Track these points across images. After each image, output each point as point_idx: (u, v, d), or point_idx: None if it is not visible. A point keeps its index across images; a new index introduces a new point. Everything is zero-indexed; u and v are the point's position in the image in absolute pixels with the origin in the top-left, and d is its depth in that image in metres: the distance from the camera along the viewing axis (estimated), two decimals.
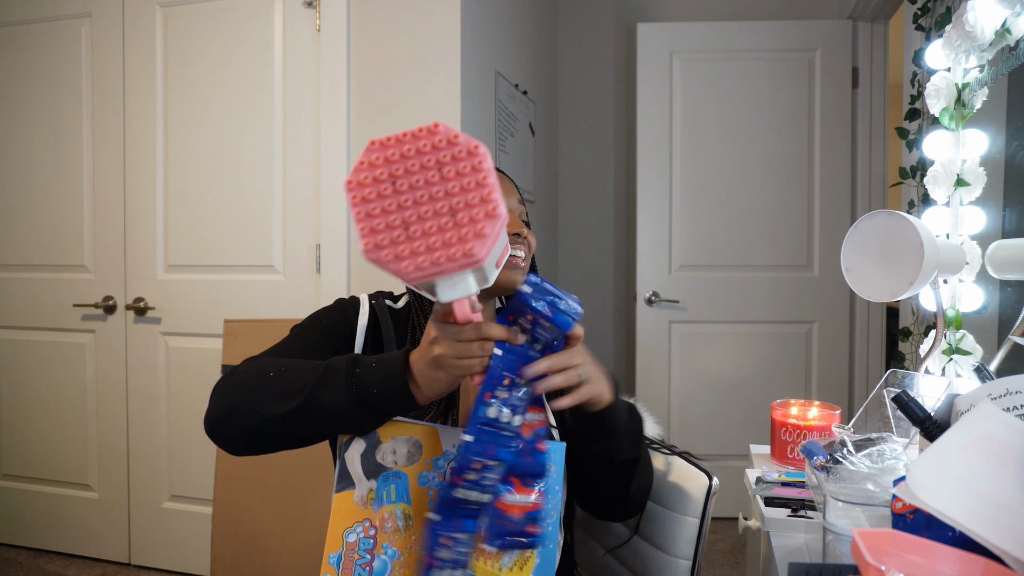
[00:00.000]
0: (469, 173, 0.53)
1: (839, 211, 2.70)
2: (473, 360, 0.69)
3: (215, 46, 2.17)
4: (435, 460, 0.74)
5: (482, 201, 0.52)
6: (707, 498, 0.96)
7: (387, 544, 0.73)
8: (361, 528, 0.73)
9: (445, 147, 0.53)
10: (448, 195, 0.53)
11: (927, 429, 0.89)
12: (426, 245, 0.53)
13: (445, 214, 0.53)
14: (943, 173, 1.30)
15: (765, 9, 2.92)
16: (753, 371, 2.75)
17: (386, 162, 0.53)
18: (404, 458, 0.74)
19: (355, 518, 0.74)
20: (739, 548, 2.49)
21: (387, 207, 0.53)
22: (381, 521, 0.73)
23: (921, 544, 0.60)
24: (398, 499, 0.74)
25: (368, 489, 0.74)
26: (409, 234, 0.53)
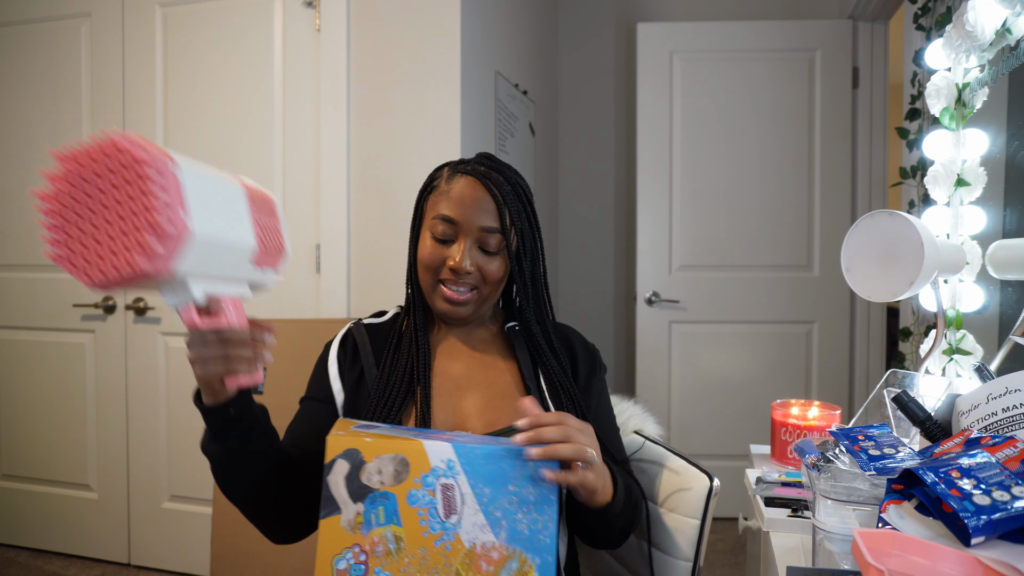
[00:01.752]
0: (137, 193, 0.54)
1: (839, 211, 2.70)
2: (210, 361, 0.70)
3: (215, 46, 2.17)
4: (423, 477, 0.71)
5: (146, 217, 0.54)
6: (708, 499, 0.95)
7: (379, 569, 0.70)
8: (351, 554, 0.71)
9: (120, 166, 0.55)
10: (120, 210, 0.55)
11: (927, 429, 0.89)
12: (98, 255, 0.55)
13: (118, 228, 0.55)
14: (943, 173, 1.29)
15: (765, 9, 2.92)
16: (753, 371, 2.75)
17: (74, 176, 0.56)
18: (391, 477, 0.71)
19: (344, 544, 0.71)
20: (739, 548, 2.49)
21: (72, 218, 0.56)
22: (371, 545, 0.71)
23: (922, 544, 0.60)
24: (387, 521, 0.71)
25: (355, 513, 0.71)
26: (87, 245, 0.56)
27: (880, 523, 0.66)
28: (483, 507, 0.71)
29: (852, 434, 0.84)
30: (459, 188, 0.95)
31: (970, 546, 0.59)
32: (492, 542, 0.71)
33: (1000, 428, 0.79)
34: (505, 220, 0.94)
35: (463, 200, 0.94)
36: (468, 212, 0.93)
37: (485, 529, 0.71)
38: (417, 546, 0.71)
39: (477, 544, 0.71)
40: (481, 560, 0.71)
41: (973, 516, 0.59)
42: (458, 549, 0.71)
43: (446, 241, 0.94)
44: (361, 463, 0.72)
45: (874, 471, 0.76)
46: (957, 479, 0.63)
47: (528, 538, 0.72)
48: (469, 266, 0.93)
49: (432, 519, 0.71)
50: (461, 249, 0.93)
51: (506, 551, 0.71)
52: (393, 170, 2.04)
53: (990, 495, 0.61)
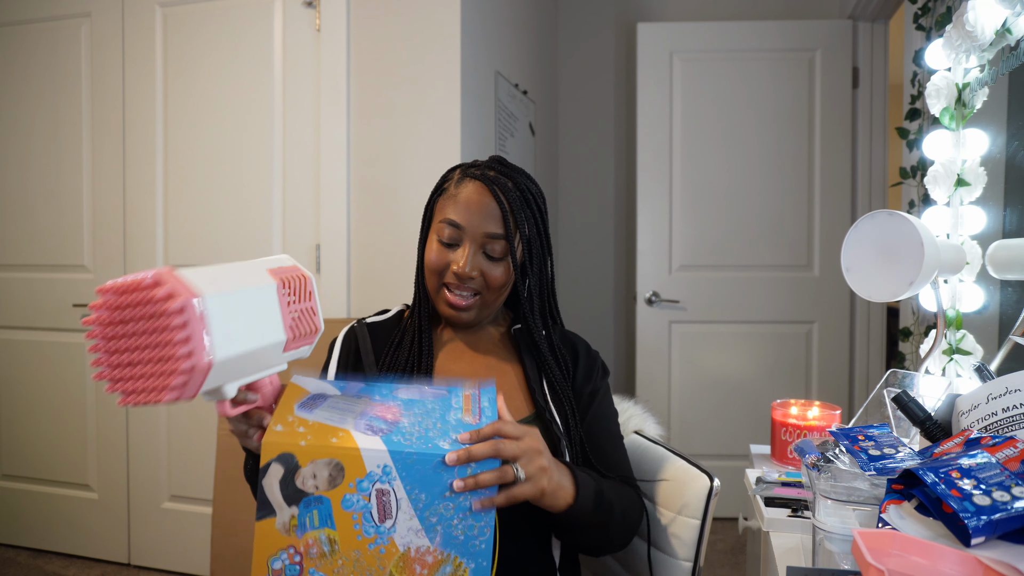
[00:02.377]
0: (163, 332, 0.61)
1: (839, 211, 2.70)
2: (247, 433, 0.79)
3: (215, 46, 2.17)
4: (359, 482, 0.71)
5: (170, 357, 0.60)
6: (708, 499, 0.95)
7: (314, 570, 0.71)
8: (286, 555, 0.71)
9: (148, 301, 0.61)
10: (150, 345, 0.62)
11: (927, 429, 0.89)
12: (139, 387, 0.63)
13: (148, 362, 0.62)
14: (943, 173, 1.29)
15: (765, 9, 2.92)
16: (753, 371, 2.75)
17: (113, 309, 0.62)
18: (325, 482, 0.71)
19: (279, 545, 0.71)
20: (739, 548, 2.49)
21: (112, 346, 0.63)
22: (306, 547, 0.71)
23: (922, 545, 0.60)
24: (321, 524, 0.71)
25: (290, 516, 0.71)
26: (124, 372, 0.63)
27: (880, 523, 0.66)
28: (418, 512, 0.71)
29: (852, 434, 0.84)
30: (466, 193, 0.96)
31: (970, 546, 0.59)
32: (427, 546, 0.71)
33: (1000, 428, 0.79)
34: (510, 226, 0.95)
35: (469, 205, 0.95)
36: (473, 217, 0.94)
37: (420, 534, 0.71)
38: (351, 549, 0.71)
39: (412, 548, 0.71)
40: (415, 563, 0.71)
41: (973, 516, 0.59)
42: (392, 552, 0.71)
43: (451, 245, 0.96)
44: (296, 467, 0.71)
45: (874, 471, 0.76)
46: (957, 479, 0.63)
47: (463, 543, 0.72)
48: (472, 271, 0.94)
49: (367, 523, 0.71)
50: (465, 254, 0.94)
51: (440, 555, 0.71)
52: (393, 170, 2.04)
53: (990, 495, 0.61)
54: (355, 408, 0.78)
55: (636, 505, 0.95)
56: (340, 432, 0.73)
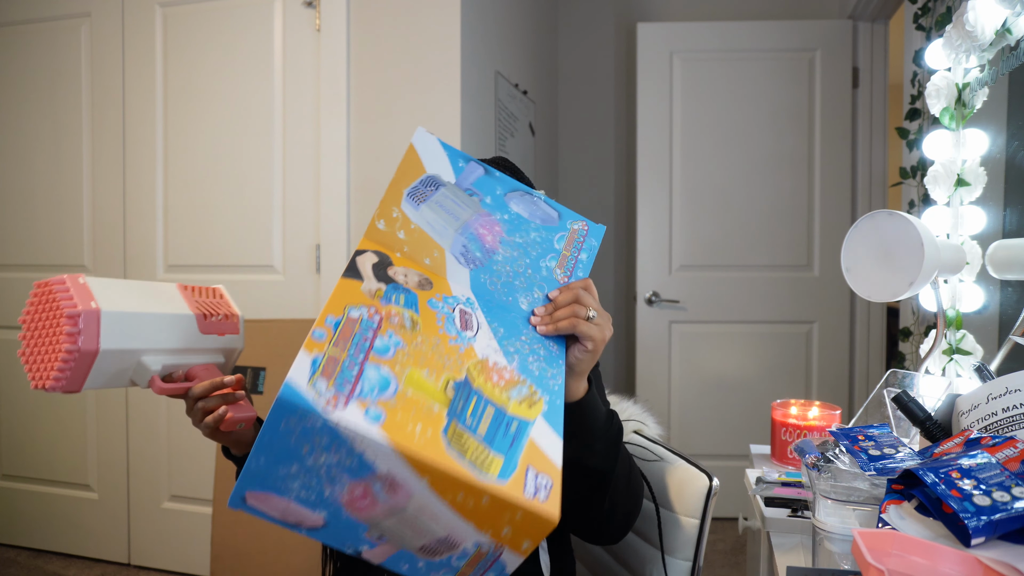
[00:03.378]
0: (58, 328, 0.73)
1: (839, 211, 2.70)
2: (195, 417, 0.84)
3: (215, 46, 2.17)
4: (445, 298, 0.72)
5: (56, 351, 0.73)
6: (707, 499, 0.95)
7: (392, 332, 0.66)
8: (366, 310, 0.67)
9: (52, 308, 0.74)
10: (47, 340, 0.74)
11: (928, 429, 0.89)
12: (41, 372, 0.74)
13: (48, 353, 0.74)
14: (943, 173, 1.29)
15: (765, 9, 2.92)
16: (753, 371, 2.75)
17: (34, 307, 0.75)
18: (415, 284, 0.72)
19: (361, 300, 0.68)
20: (739, 548, 2.49)
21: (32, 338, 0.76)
22: (388, 314, 0.68)
23: (922, 545, 0.60)
24: (407, 306, 0.69)
25: (376, 287, 0.70)
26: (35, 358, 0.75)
27: (880, 523, 0.66)
28: (497, 340, 0.71)
29: (852, 434, 0.84)
30: None
31: (970, 547, 0.59)
32: (504, 365, 0.69)
33: (1000, 428, 0.79)
34: None
35: None
36: None
37: (498, 353, 0.70)
38: (433, 336, 0.68)
39: (490, 360, 0.69)
40: (493, 372, 0.68)
41: (973, 517, 0.59)
42: (471, 354, 0.68)
43: None
44: (389, 263, 0.73)
45: (874, 471, 0.76)
46: (957, 479, 0.63)
47: (538, 376, 0.70)
48: None
49: (450, 325, 0.70)
50: None
51: (517, 377, 0.69)
52: (393, 170, 2.03)
53: (990, 496, 0.61)
54: (461, 214, 0.77)
55: (638, 473, 0.92)
56: (436, 251, 0.74)
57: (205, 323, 0.85)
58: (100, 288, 0.75)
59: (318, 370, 0.59)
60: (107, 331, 0.73)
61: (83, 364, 0.72)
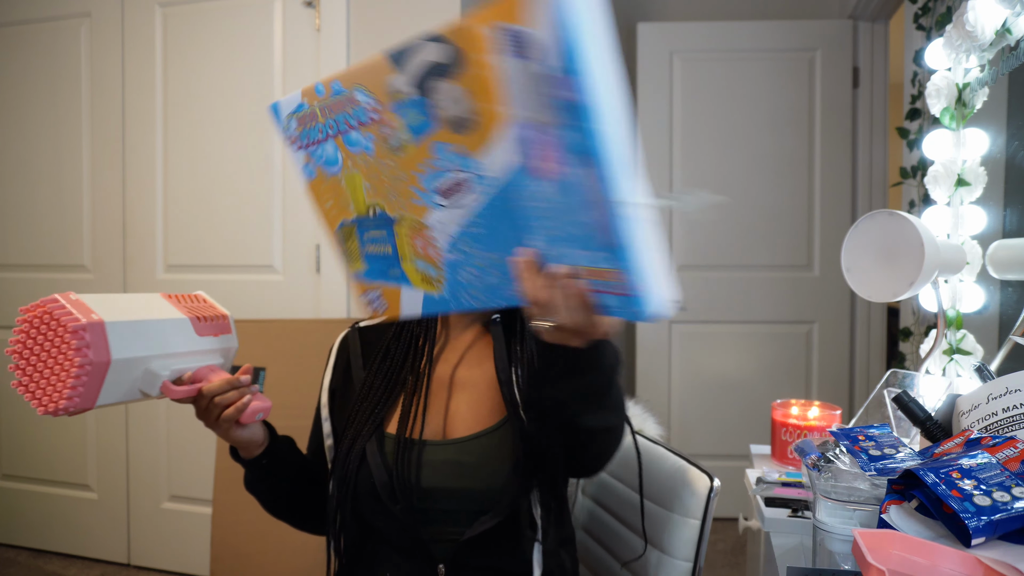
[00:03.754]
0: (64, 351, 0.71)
1: (839, 211, 2.70)
2: (208, 417, 0.84)
3: (215, 46, 2.17)
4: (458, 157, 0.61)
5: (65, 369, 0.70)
6: (708, 499, 0.95)
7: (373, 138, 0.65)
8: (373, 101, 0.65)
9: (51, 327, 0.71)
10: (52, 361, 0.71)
11: (928, 429, 0.89)
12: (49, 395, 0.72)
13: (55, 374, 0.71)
14: (944, 173, 1.29)
15: (765, 9, 2.91)
16: (753, 371, 2.75)
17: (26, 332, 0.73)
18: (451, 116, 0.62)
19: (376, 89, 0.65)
20: (739, 548, 2.49)
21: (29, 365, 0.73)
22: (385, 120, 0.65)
23: (922, 545, 0.60)
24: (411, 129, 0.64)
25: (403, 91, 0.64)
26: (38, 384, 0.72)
27: (880, 523, 0.66)
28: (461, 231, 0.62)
29: (852, 434, 0.84)
30: None
31: (970, 547, 0.59)
32: (439, 247, 0.63)
33: (1000, 428, 0.79)
34: None
35: None
36: None
37: (445, 237, 0.63)
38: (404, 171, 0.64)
39: (432, 231, 0.64)
40: (421, 238, 0.64)
41: (974, 517, 0.59)
42: (420, 212, 0.64)
43: None
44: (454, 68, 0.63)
45: (874, 471, 0.76)
46: (958, 480, 0.63)
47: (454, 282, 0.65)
48: None
49: (430, 178, 0.62)
50: None
51: (438, 262, 0.64)
52: None
53: (990, 496, 0.61)
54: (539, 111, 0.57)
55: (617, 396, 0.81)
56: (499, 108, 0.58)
57: (200, 325, 0.86)
58: (94, 302, 0.75)
59: (300, 112, 0.72)
60: (114, 341, 0.73)
61: (96, 377, 0.71)
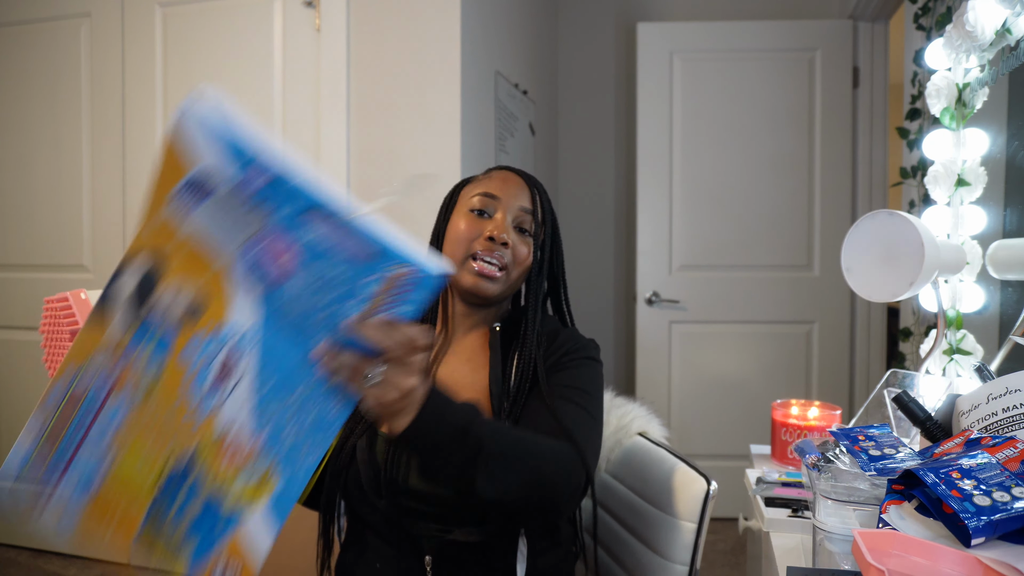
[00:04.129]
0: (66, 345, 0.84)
1: (839, 211, 2.70)
2: None
3: (215, 46, 2.17)
4: (211, 334, 0.59)
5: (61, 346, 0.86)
6: (705, 502, 0.95)
7: (123, 397, 0.61)
8: (103, 366, 0.61)
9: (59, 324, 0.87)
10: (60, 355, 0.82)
11: (928, 429, 0.89)
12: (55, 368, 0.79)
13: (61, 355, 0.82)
14: (944, 173, 1.29)
15: (765, 9, 2.92)
16: (753, 371, 2.75)
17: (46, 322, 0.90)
18: (181, 311, 0.61)
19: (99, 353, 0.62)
20: (739, 548, 2.49)
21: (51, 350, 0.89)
22: (125, 372, 0.61)
23: (922, 545, 0.60)
24: (153, 360, 0.61)
25: (123, 334, 0.61)
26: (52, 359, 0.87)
27: (880, 523, 0.66)
28: (259, 395, 0.60)
29: (852, 434, 0.84)
30: (500, 175, 1.02)
31: (970, 547, 0.59)
32: (246, 438, 0.60)
33: (1000, 428, 0.79)
34: (539, 208, 1.00)
35: (506, 182, 1.00)
36: (509, 189, 0.99)
37: (248, 419, 0.61)
38: (168, 404, 0.61)
39: (230, 432, 0.61)
40: (227, 453, 0.61)
41: (973, 517, 0.59)
42: (206, 430, 0.61)
43: (484, 214, 0.97)
44: (157, 277, 0.60)
45: (874, 471, 0.76)
46: (957, 480, 0.63)
47: (288, 449, 0.61)
48: (507, 236, 0.95)
49: (195, 386, 0.60)
50: (502, 218, 0.97)
51: (257, 452, 0.61)
52: (393, 170, 2.04)
53: (990, 496, 0.61)
54: (247, 227, 0.58)
55: (560, 458, 0.78)
56: (216, 265, 0.59)
57: None
58: None
59: (38, 445, 0.65)
60: None
61: None
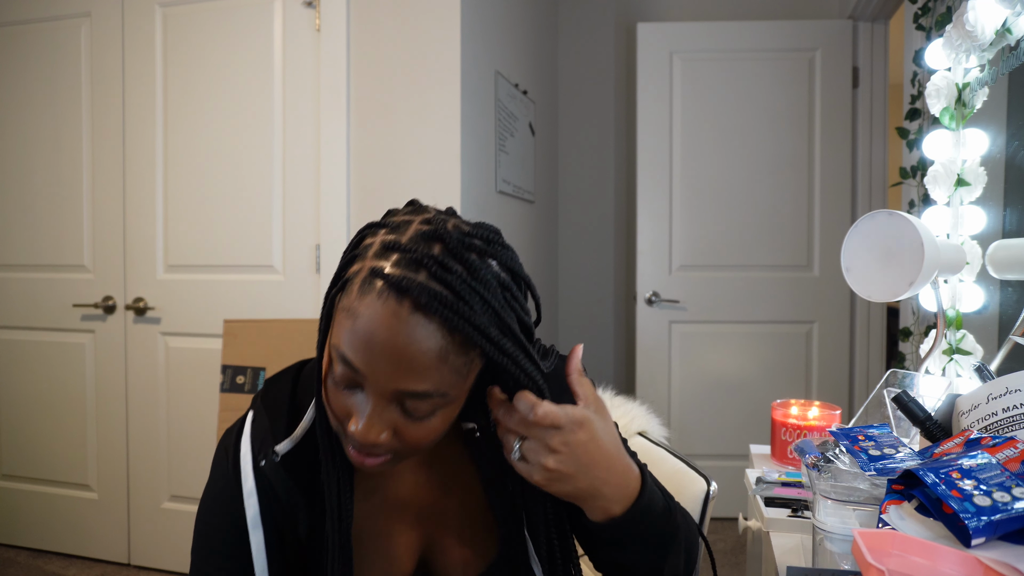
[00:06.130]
0: None
1: (839, 211, 2.70)
2: None
3: (215, 46, 2.17)
4: None
5: None
6: (705, 502, 0.95)
7: None
8: None
9: None
10: None
11: (927, 429, 0.89)
12: None
13: None
14: (943, 173, 1.29)
15: (765, 9, 2.92)
16: (753, 371, 2.75)
17: None
18: None
19: None
20: (739, 548, 2.49)
21: None
22: None
23: (922, 545, 0.60)
24: None
25: None
26: None
27: (880, 523, 0.66)
28: None
29: (852, 434, 0.84)
30: (372, 320, 0.56)
31: (970, 547, 0.59)
32: None
33: (1000, 428, 0.79)
34: (447, 375, 0.58)
35: (372, 344, 0.56)
36: (379, 364, 0.56)
37: None
38: None
39: None
40: None
41: (973, 517, 0.59)
42: None
43: (349, 386, 0.60)
44: None
45: (874, 471, 0.76)
46: (957, 480, 0.63)
47: None
48: (378, 436, 0.59)
49: None
50: (367, 414, 0.59)
51: None
52: (393, 170, 2.04)
53: (990, 496, 0.61)
54: None
55: (694, 534, 0.75)
56: None
57: None
58: None
59: None
60: None
61: None
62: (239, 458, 0.68)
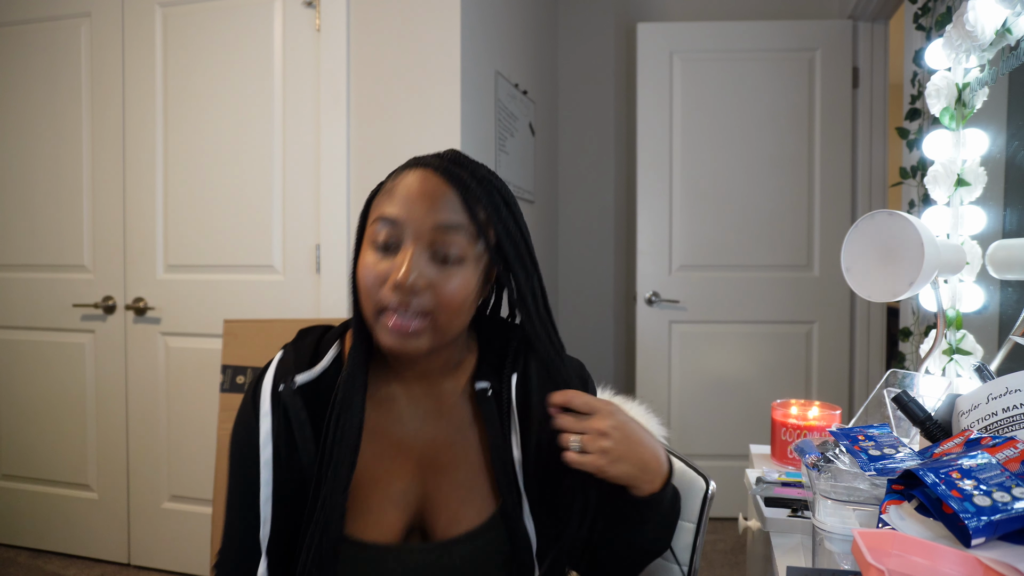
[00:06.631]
0: None
1: (839, 211, 2.70)
2: None
3: (215, 46, 2.17)
4: None
5: None
6: (704, 503, 0.95)
7: None
8: None
9: None
10: None
11: (927, 429, 0.89)
12: None
13: None
14: (943, 173, 1.29)
15: (765, 9, 2.92)
16: (753, 371, 2.75)
17: None
18: None
19: None
20: (739, 548, 2.49)
21: None
22: None
23: (922, 545, 0.60)
24: None
25: None
26: None
27: (880, 523, 0.66)
28: None
29: (852, 434, 0.84)
30: (407, 182, 0.72)
31: (970, 547, 0.59)
32: None
33: (1000, 428, 0.79)
34: (475, 214, 0.70)
35: (410, 193, 0.70)
36: (415, 206, 0.69)
37: None
38: None
39: None
40: None
41: (973, 517, 0.59)
42: None
43: (389, 249, 0.70)
44: None
45: (874, 471, 0.76)
46: (957, 480, 0.63)
47: None
48: (417, 280, 0.68)
49: None
50: (406, 257, 0.68)
51: None
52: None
53: (990, 496, 0.61)
54: None
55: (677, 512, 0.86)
56: None
57: None
58: None
59: None
60: None
61: None
62: (261, 384, 0.76)
